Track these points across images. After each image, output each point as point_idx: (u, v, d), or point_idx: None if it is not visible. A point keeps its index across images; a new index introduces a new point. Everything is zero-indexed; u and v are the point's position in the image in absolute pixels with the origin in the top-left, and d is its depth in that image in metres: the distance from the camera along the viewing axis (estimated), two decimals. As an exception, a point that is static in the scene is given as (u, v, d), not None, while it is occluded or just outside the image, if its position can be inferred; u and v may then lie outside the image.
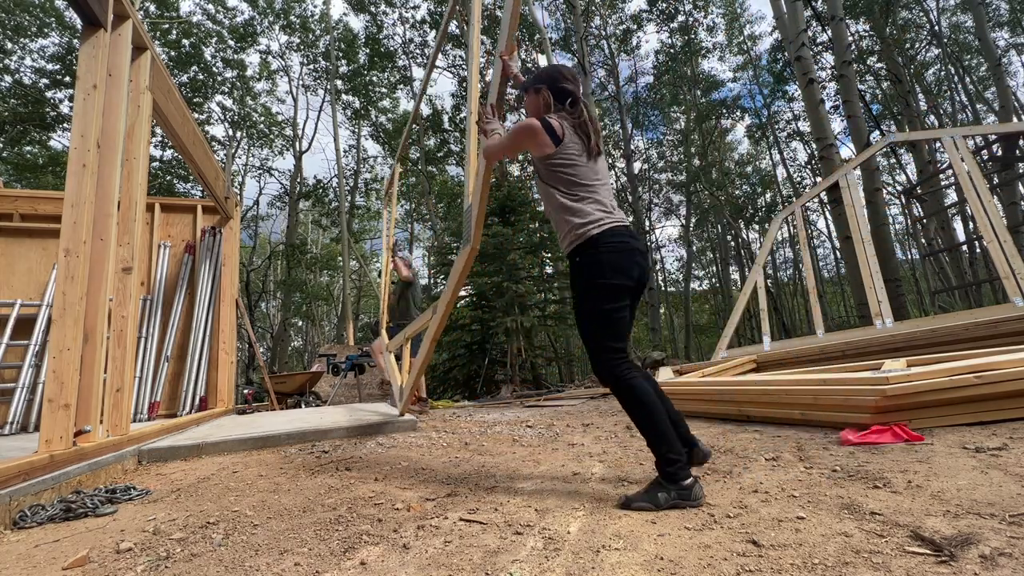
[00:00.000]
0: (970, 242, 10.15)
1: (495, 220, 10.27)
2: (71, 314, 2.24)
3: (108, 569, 1.34)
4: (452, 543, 1.40)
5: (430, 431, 3.59)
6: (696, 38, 19.74)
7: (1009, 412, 2.26)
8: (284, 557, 1.37)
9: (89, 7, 2.38)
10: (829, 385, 2.71)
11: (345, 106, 20.14)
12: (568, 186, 1.83)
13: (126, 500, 2.04)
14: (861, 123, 8.14)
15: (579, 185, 1.82)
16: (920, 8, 15.52)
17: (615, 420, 3.85)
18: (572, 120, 1.89)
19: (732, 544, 1.28)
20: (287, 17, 18.35)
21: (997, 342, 3.59)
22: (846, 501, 1.52)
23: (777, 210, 18.18)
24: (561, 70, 1.99)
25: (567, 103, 1.93)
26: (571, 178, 1.83)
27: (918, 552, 1.14)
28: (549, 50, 10.37)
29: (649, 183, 22.82)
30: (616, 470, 2.20)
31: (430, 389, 10.00)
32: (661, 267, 26.76)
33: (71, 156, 2.36)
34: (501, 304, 9.01)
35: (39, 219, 4.99)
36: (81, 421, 2.32)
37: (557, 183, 1.85)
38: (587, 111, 1.92)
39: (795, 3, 7.88)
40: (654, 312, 15.57)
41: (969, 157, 5.02)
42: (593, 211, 1.79)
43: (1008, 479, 1.56)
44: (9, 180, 14.36)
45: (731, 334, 5.99)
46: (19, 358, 4.50)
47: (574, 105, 1.93)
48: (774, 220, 6.59)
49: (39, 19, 13.96)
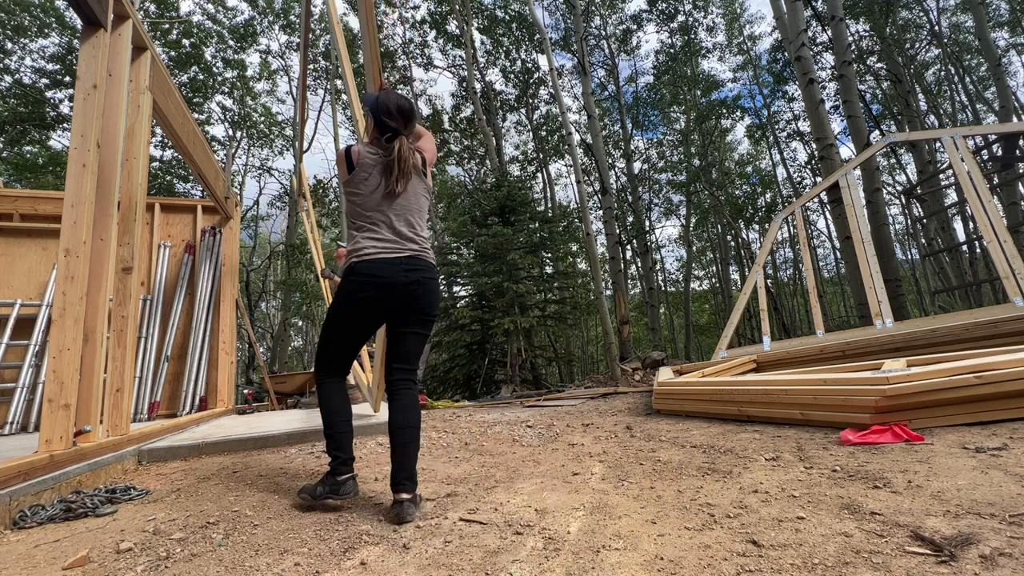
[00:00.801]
0: (970, 242, 10.14)
1: (495, 220, 10.27)
2: (71, 314, 2.24)
3: (108, 569, 1.34)
4: (452, 543, 1.40)
5: (430, 431, 3.59)
6: (696, 38, 19.74)
7: (1009, 412, 2.26)
8: (284, 557, 1.37)
9: (89, 7, 2.38)
10: (829, 385, 2.71)
11: (345, 106, 20.14)
12: (352, 214, 2.00)
13: (126, 500, 2.04)
14: (861, 123, 8.13)
15: (360, 215, 1.96)
16: (920, 8, 15.51)
17: (615, 420, 3.85)
18: (383, 155, 1.98)
19: (732, 544, 1.28)
20: (287, 17, 18.35)
21: (997, 342, 3.59)
22: (846, 501, 1.52)
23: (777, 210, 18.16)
24: (389, 104, 2.01)
25: (384, 138, 2.00)
26: (355, 207, 1.97)
27: (918, 552, 1.14)
28: (549, 50, 10.32)
29: (649, 183, 22.81)
30: (616, 470, 2.20)
31: (430, 389, 10.01)
32: (661, 267, 26.75)
33: (71, 156, 2.36)
34: (501, 304, 9.00)
35: (39, 219, 4.99)
36: (81, 421, 2.32)
37: (349, 208, 2.01)
38: (400, 150, 1.97)
39: (795, 3, 7.88)
40: (654, 312, 15.55)
41: (969, 157, 5.02)
42: (362, 242, 1.93)
43: (1008, 479, 1.56)
44: (9, 180, 14.36)
45: (731, 334, 5.99)
46: (19, 358, 4.50)
47: (389, 141, 1.99)
48: (774, 220, 6.59)
49: (39, 19, 13.96)
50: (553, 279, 11.41)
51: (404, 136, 2.01)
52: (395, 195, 1.97)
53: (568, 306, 11.12)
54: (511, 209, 10.28)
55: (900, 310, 6.90)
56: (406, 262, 1.92)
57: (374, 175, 1.96)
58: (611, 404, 5.00)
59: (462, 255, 11.42)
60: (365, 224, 1.95)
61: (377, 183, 1.95)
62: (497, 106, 18.14)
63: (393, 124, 1.99)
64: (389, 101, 2.00)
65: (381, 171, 1.96)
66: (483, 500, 1.83)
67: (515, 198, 10.35)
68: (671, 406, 3.93)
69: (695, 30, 19.63)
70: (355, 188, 1.95)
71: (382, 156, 1.97)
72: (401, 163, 1.96)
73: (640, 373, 8.50)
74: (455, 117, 19.61)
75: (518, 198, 10.43)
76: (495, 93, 18.43)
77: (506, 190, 10.45)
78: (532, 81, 18.50)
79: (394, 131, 1.99)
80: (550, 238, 10.76)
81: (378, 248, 1.91)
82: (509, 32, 17.83)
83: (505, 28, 17.78)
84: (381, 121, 1.99)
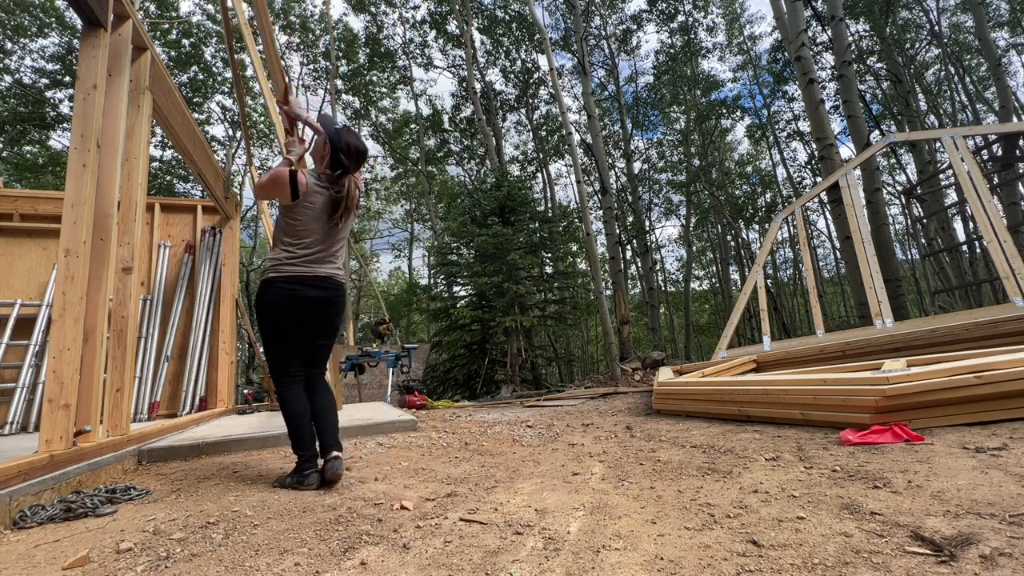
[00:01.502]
0: (970, 242, 10.14)
1: (495, 220, 10.27)
2: (71, 314, 2.24)
3: (108, 569, 1.34)
4: (452, 543, 1.40)
5: (430, 431, 3.59)
6: (696, 38, 19.73)
7: (1009, 412, 2.26)
8: (284, 557, 1.36)
9: (89, 7, 2.38)
10: (829, 385, 2.71)
11: (345, 106, 20.14)
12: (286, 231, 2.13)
13: (126, 500, 2.04)
14: (861, 123, 8.13)
15: (295, 234, 2.12)
16: (920, 8, 15.51)
17: (615, 420, 3.85)
18: (332, 191, 2.14)
19: (732, 544, 1.28)
20: (287, 17, 18.33)
21: (997, 342, 3.60)
22: (846, 501, 1.52)
23: (777, 210, 18.16)
24: (351, 144, 2.15)
25: (336, 173, 2.15)
26: (291, 227, 2.12)
27: (918, 552, 1.14)
28: (549, 50, 10.32)
29: (649, 183, 22.81)
30: (616, 470, 2.20)
31: (430, 389, 10.01)
32: (661, 267, 26.75)
33: (71, 156, 2.36)
34: (501, 304, 9.00)
35: (39, 219, 4.99)
36: (81, 421, 2.31)
37: (284, 224, 2.14)
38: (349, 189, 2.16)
39: (795, 3, 7.88)
40: (654, 312, 15.55)
41: (969, 157, 5.02)
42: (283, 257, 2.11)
43: (1008, 479, 1.56)
44: (9, 180, 14.35)
45: (731, 334, 5.99)
46: (19, 358, 4.50)
47: (341, 177, 2.15)
48: (774, 220, 6.59)
49: (39, 19, 13.95)
50: (553, 279, 11.41)
51: (352, 176, 2.17)
52: (336, 228, 2.17)
53: (568, 306, 11.12)
54: (511, 209, 10.28)
55: (900, 310, 6.90)
56: (322, 281, 2.15)
57: (318, 207, 2.12)
58: (611, 404, 5.00)
59: (462, 255, 11.42)
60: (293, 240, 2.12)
61: (319, 215, 2.13)
62: (497, 106, 18.13)
63: (347, 163, 2.14)
64: (351, 141, 2.15)
65: (325, 204, 2.14)
66: (483, 500, 1.83)
67: (515, 198, 10.35)
68: (671, 406, 3.93)
69: (695, 30, 19.63)
70: (295, 215, 2.10)
71: (331, 192, 2.14)
72: (348, 201, 2.15)
73: (640, 373, 8.50)
74: (455, 117, 19.60)
75: (518, 198, 10.43)
76: (495, 93, 18.42)
77: (506, 190, 10.45)
78: (532, 81, 18.50)
79: (346, 169, 2.14)
80: (550, 238, 10.76)
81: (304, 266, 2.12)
82: (509, 32, 17.83)
83: (505, 28, 17.78)
84: (337, 157, 2.13)
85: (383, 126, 20.98)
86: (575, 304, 11.89)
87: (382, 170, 22.94)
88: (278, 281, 2.09)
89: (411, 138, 21.13)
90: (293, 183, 2.06)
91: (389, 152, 21.13)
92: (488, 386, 9.27)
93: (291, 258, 2.11)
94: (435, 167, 20.80)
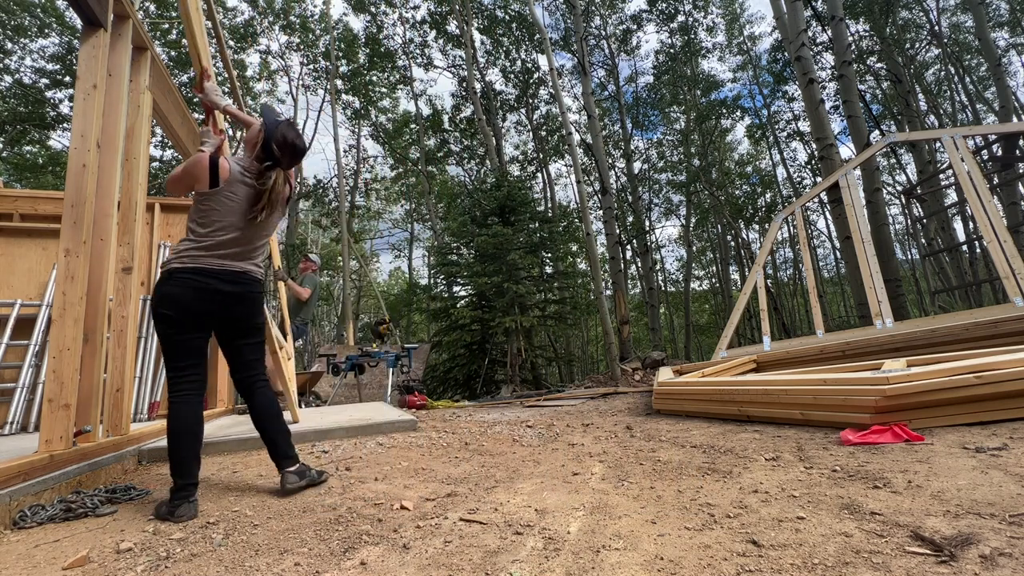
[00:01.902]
0: (970, 242, 10.14)
1: (495, 220, 10.27)
2: (71, 314, 2.24)
3: (108, 569, 1.34)
4: (452, 543, 1.40)
5: (430, 431, 3.59)
6: (696, 38, 19.73)
7: (1009, 412, 2.26)
8: (284, 557, 1.36)
9: (89, 7, 2.38)
10: (829, 385, 2.71)
11: (345, 106, 20.13)
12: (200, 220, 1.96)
13: (126, 500, 2.04)
14: (861, 123, 8.13)
15: (208, 224, 1.94)
16: (920, 8, 15.51)
17: (615, 420, 3.85)
18: (256, 184, 1.99)
19: (732, 544, 1.28)
20: (287, 17, 18.34)
21: (997, 342, 3.59)
22: (846, 501, 1.52)
23: (777, 210, 18.16)
24: (287, 138, 2.02)
25: (264, 165, 2.00)
26: (206, 216, 1.95)
27: (918, 552, 1.14)
28: (549, 50, 10.32)
29: (649, 183, 22.81)
30: (616, 470, 2.20)
31: (430, 389, 10.00)
32: (661, 267, 26.75)
33: (71, 156, 2.36)
34: (501, 304, 9.00)
35: (39, 219, 4.98)
36: (81, 421, 2.31)
37: (194, 214, 1.98)
38: (275, 184, 2.01)
39: (795, 3, 7.87)
40: (654, 312, 15.55)
41: (969, 157, 5.02)
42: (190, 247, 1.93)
43: (1008, 479, 1.56)
44: (9, 180, 14.35)
45: (731, 334, 5.99)
46: (19, 358, 4.50)
47: (269, 170, 2.00)
48: (774, 220, 6.59)
49: (39, 19, 13.96)
50: (553, 279, 11.40)
51: (282, 170, 2.04)
52: (255, 222, 2.01)
53: (568, 306, 11.12)
54: (511, 209, 10.27)
55: (900, 310, 6.90)
56: (237, 276, 2.00)
57: (240, 197, 1.98)
58: (611, 404, 5.00)
59: (462, 255, 11.42)
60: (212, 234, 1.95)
61: (239, 207, 1.98)
62: (497, 106, 18.13)
63: (278, 156, 2.00)
64: (288, 135, 2.02)
65: (248, 196, 1.99)
66: (483, 500, 1.83)
67: (515, 198, 10.35)
68: (671, 406, 3.93)
69: (695, 30, 19.63)
70: (212, 204, 1.94)
71: (255, 184, 1.99)
72: (272, 195, 2.01)
73: (640, 373, 8.50)
74: (455, 117, 19.60)
75: (518, 198, 10.43)
76: (495, 93, 18.42)
77: (506, 190, 10.44)
78: (532, 81, 18.50)
79: (276, 161, 2.01)
80: (550, 238, 10.76)
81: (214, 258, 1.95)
82: (509, 32, 17.83)
83: (505, 28, 17.77)
84: (270, 147, 1.99)
85: (383, 126, 20.99)
86: (575, 304, 11.89)
87: (382, 170, 22.95)
88: (180, 272, 1.89)
89: (411, 138, 21.13)
90: (214, 169, 1.91)
91: (389, 152, 21.13)
92: (488, 386, 9.27)
93: (199, 248, 1.93)
94: (435, 167, 20.80)
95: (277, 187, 2.02)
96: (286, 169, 2.07)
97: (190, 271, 1.90)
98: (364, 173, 22.24)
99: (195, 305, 1.90)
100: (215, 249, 1.94)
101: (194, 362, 1.95)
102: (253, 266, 2.08)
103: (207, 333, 2.01)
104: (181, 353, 1.93)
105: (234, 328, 2.06)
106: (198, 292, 1.89)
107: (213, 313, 1.96)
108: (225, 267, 1.96)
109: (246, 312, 2.05)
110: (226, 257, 1.97)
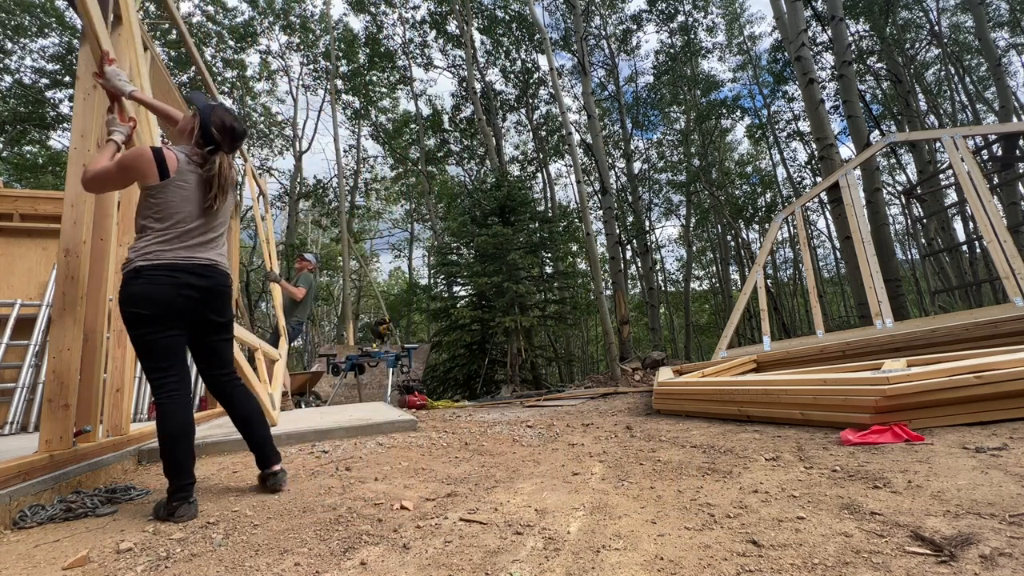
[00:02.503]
0: (970, 242, 10.14)
1: (495, 220, 10.27)
2: (71, 314, 2.24)
3: (108, 569, 1.34)
4: (452, 543, 1.40)
5: (430, 431, 3.59)
6: (696, 38, 19.73)
7: (1009, 412, 2.26)
8: (284, 557, 1.36)
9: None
10: (829, 385, 2.71)
11: (345, 106, 20.13)
12: (154, 216, 1.88)
13: (126, 500, 2.04)
14: (861, 123, 8.13)
15: (166, 218, 1.88)
16: (920, 8, 15.51)
17: (615, 420, 3.85)
18: (204, 170, 1.94)
19: (732, 544, 1.28)
20: (287, 17, 18.34)
21: (997, 342, 3.60)
22: (846, 501, 1.52)
23: (777, 210, 18.16)
24: (224, 121, 1.98)
25: (206, 149, 1.96)
26: (158, 211, 1.88)
27: (918, 552, 1.14)
28: (549, 50, 10.32)
29: (649, 183, 22.81)
30: (616, 470, 2.20)
31: (430, 389, 10.01)
32: (661, 267, 26.76)
33: (71, 156, 2.36)
34: (501, 304, 9.00)
35: (39, 219, 4.98)
36: (81, 421, 2.31)
37: (147, 210, 1.89)
38: (221, 167, 1.97)
39: (795, 3, 7.88)
40: (654, 312, 15.56)
41: (969, 157, 5.02)
42: (152, 242, 1.86)
43: (1008, 479, 1.56)
44: (9, 180, 14.36)
45: (731, 334, 5.99)
46: (19, 358, 4.50)
47: (211, 154, 1.96)
48: (774, 220, 6.59)
49: (39, 19, 13.96)
50: (553, 279, 11.41)
51: (224, 155, 2.00)
52: (211, 209, 1.97)
53: (568, 306, 11.12)
54: (511, 209, 10.27)
55: (900, 310, 6.90)
56: (206, 269, 1.95)
57: (192, 186, 1.93)
58: (611, 404, 5.00)
59: (462, 255, 11.43)
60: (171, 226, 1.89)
61: (192, 195, 1.93)
62: (497, 106, 18.13)
63: (219, 139, 1.97)
64: (225, 119, 1.99)
65: (199, 183, 1.94)
66: (483, 500, 1.83)
67: (515, 198, 10.35)
68: (671, 406, 3.93)
69: (695, 30, 19.63)
70: (164, 196, 1.87)
71: (203, 170, 1.95)
72: (221, 180, 1.97)
73: (640, 373, 8.50)
74: (455, 117, 19.60)
75: (518, 198, 10.43)
76: (495, 93, 18.42)
77: (506, 190, 10.44)
78: (532, 81, 18.50)
79: (217, 145, 1.97)
80: (550, 238, 10.76)
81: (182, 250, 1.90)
82: (509, 32, 17.83)
83: (505, 28, 17.78)
84: (208, 131, 1.95)
85: (383, 126, 20.99)
86: (575, 304, 11.89)
87: (382, 170, 22.95)
88: (149, 270, 1.82)
89: (411, 138, 21.12)
90: (160, 160, 1.84)
91: (389, 152, 21.14)
92: (488, 386, 9.27)
93: (162, 242, 1.86)
94: (435, 167, 20.81)
95: (224, 171, 1.98)
96: (228, 153, 2.03)
97: (158, 267, 1.84)
98: (364, 173, 22.24)
99: (169, 301, 1.84)
100: (178, 241, 1.89)
101: (176, 360, 1.89)
102: (219, 257, 2.04)
103: (183, 331, 1.94)
104: (160, 353, 1.85)
105: (207, 325, 2.01)
106: (171, 288, 1.84)
107: (187, 309, 1.90)
108: (193, 260, 1.91)
109: (218, 307, 2.01)
110: (192, 248, 1.93)
